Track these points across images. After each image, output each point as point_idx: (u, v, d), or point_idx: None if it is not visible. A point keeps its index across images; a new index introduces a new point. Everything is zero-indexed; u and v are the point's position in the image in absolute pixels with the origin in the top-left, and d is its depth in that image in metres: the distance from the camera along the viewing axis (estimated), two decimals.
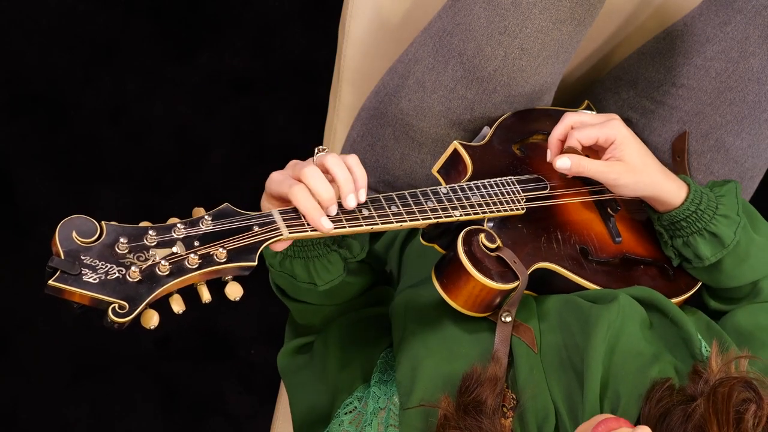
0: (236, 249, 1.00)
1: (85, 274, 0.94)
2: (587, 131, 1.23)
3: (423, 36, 1.43)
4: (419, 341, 1.19)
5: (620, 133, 1.23)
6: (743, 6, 1.39)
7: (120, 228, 0.98)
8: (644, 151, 1.24)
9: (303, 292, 1.22)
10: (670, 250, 1.29)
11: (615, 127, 1.23)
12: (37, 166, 2.16)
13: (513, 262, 1.17)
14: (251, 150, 2.21)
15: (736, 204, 1.26)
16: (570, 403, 1.11)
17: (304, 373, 1.29)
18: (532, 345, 1.15)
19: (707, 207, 1.24)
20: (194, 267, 0.98)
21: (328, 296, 1.23)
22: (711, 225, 1.24)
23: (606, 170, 1.22)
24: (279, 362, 1.33)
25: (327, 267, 1.18)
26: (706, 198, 1.25)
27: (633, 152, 1.22)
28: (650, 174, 1.23)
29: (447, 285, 1.17)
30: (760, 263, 1.27)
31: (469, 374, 1.10)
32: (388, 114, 1.43)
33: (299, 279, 1.19)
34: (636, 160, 1.22)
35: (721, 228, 1.24)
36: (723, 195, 1.27)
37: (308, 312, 1.27)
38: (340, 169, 1.08)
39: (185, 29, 2.24)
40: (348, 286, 1.24)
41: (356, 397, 1.22)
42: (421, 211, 1.14)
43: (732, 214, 1.25)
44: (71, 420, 2.08)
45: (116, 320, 0.93)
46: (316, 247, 1.17)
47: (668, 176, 1.25)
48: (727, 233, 1.24)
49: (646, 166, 1.23)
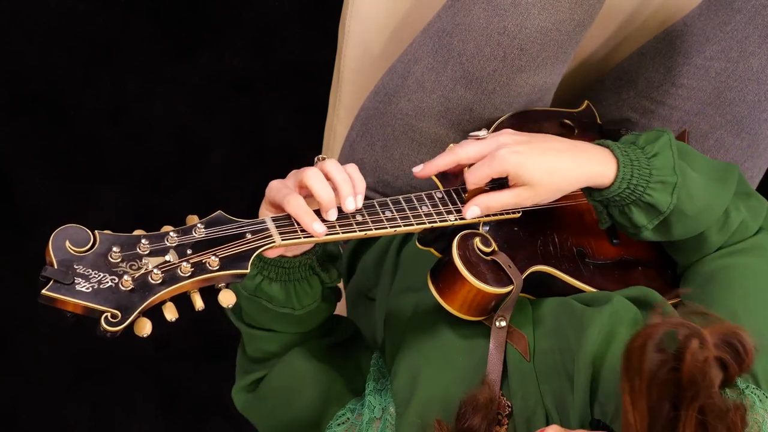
0: (229, 257, 1.01)
1: (78, 284, 0.94)
2: (478, 173, 1.16)
3: (422, 36, 1.43)
4: (416, 350, 1.19)
5: (509, 163, 1.14)
6: (743, 6, 1.39)
7: (113, 237, 0.98)
8: (546, 158, 1.16)
9: (274, 319, 1.20)
10: (603, 216, 1.23)
11: (502, 160, 1.14)
12: (37, 166, 2.16)
13: (508, 266, 1.16)
14: (251, 150, 2.21)
15: (671, 159, 1.18)
16: (561, 408, 1.11)
17: (273, 402, 1.26)
18: (525, 353, 1.15)
19: (640, 178, 1.17)
20: (187, 275, 0.98)
21: (299, 323, 1.21)
22: (645, 195, 1.17)
23: (516, 201, 1.16)
24: (237, 399, 1.29)
25: (307, 291, 1.17)
26: (637, 167, 1.17)
27: (533, 172, 1.15)
28: (563, 178, 1.16)
29: (443, 289, 1.16)
30: (705, 207, 1.20)
31: (466, 401, 1.10)
32: (387, 114, 1.43)
33: (276, 303, 1.17)
34: (539, 177, 1.15)
35: (657, 196, 1.17)
36: (656, 154, 1.19)
37: (268, 340, 1.24)
38: (340, 173, 1.09)
39: (185, 29, 2.24)
40: (319, 312, 1.22)
41: (349, 409, 1.21)
42: (415, 216, 1.14)
43: (667, 177, 1.17)
44: (72, 421, 2.08)
45: (109, 329, 0.94)
46: (300, 269, 1.16)
47: (589, 161, 1.17)
48: (662, 199, 1.17)
49: (554, 173, 1.15)
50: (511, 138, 1.17)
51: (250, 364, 1.28)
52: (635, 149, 1.19)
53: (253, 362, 1.28)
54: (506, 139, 1.17)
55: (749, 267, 1.21)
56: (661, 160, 1.18)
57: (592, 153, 1.18)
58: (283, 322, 1.21)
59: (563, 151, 1.17)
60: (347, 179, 1.09)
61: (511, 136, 1.18)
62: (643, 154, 1.18)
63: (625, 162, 1.17)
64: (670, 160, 1.18)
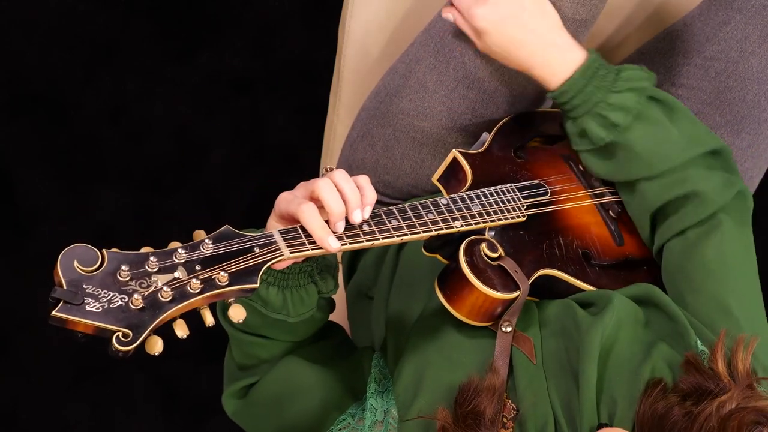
0: (238, 272, 1.00)
1: (88, 304, 0.94)
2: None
3: (424, 36, 1.43)
4: (420, 353, 1.19)
5: (481, 21, 1.27)
6: (743, 6, 1.39)
7: (121, 255, 0.98)
8: (514, 28, 1.27)
9: (267, 326, 1.19)
10: (570, 128, 1.29)
11: (478, 14, 1.27)
12: (37, 166, 2.16)
13: (515, 271, 1.17)
14: (251, 150, 2.21)
15: (632, 101, 1.24)
16: (568, 409, 1.11)
17: (265, 409, 1.25)
18: (531, 356, 1.15)
19: (585, 102, 1.25)
20: (196, 292, 0.98)
21: (291, 331, 1.20)
22: (582, 121, 1.25)
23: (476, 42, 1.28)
24: (227, 405, 1.29)
25: (303, 299, 1.16)
26: (588, 92, 1.25)
27: (495, 39, 1.28)
28: (515, 47, 1.27)
29: (450, 296, 1.17)
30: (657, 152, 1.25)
31: (466, 385, 1.10)
32: (388, 114, 1.43)
33: (272, 308, 1.16)
34: (499, 41, 1.27)
35: (593, 127, 1.25)
36: (622, 91, 1.25)
37: (258, 346, 1.23)
38: (349, 184, 1.09)
39: (185, 29, 2.24)
40: (312, 322, 1.21)
41: (350, 413, 1.21)
42: (421, 224, 1.14)
43: (611, 114, 1.24)
44: (71, 421, 2.08)
45: (120, 348, 0.93)
46: (299, 276, 1.15)
47: (546, 57, 1.28)
48: (597, 132, 1.25)
49: (512, 43, 1.27)
50: None
51: (238, 371, 1.27)
52: (609, 74, 1.26)
53: (241, 369, 1.27)
54: None
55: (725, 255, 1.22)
56: (621, 97, 1.24)
57: (556, 55, 1.28)
58: (276, 328, 1.19)
59: (539, 29, 1.27)
60: (355, 190, 1.09)
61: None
62: (612, 82, 1.25)
63: (579, 80, 1.25)
64: (633, 100, 1.24)
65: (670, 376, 1.10)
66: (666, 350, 1.14)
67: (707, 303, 1.19)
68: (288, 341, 1.23)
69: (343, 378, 1.24)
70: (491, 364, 1.13)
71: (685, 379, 1.07)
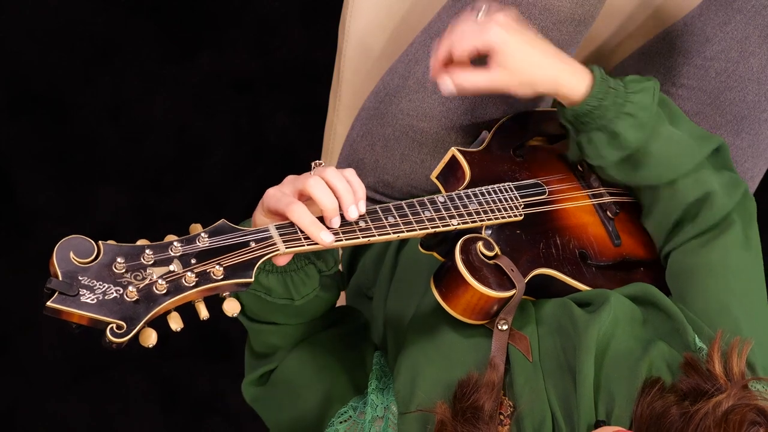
0: (233, 266, 1.00)
1: (83, 295, 0.94)
2: (466, 40, 1.18)
3: (423, 36, 1.43)
4: (418, 350, 1.19)
5: (497, 37, 1.17)
6: (743, 6, 1.39)
7: (117, 247, 0.98)
8: (532, 48, 1.19)
9: (274, 311, 1.19)
10: (573, 146, 1.27)
11: (492, 31, 1.17)
12: (37, 166, 2.16)
13: (510, 270, 1.17)
14: (251, 150, 2.21)
15: (650, 99, 1.22)
16: (566, 406, 1.11)
17: (279, 396, 1.26)
18: (527, 353, 1.15)
19: (612, 104, 1.21)
20: (191, 285, 0.98)
21: (299, 313, 1.21)
22: (614, 124, 1.21)
23: (488, 81, 1.18)
24: (246, 392, 1.29)
25: (304, 280, 1.17)
26: (613, 94, 1.21)
27: (515, 54, 1.17)
28: (538, 71, 1.19)
29: (446, 294, 1.16)
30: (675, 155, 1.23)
31: (465, 380, 1.10)
32: (388, 114, 1.43)
33: (275, 295, 1.16)
34: (519, 62, 1.18)
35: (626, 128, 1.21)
36: (636, 92, 1.22)
37: (271, 333, 1.24)
38: (340, 181, 1.08)
39: (185, 29, 2.24)
40: (319, 302, 1.21)
41: (351, 406, 1.21)
42: (418, 222, 1.14)
43: (640, 113, 1.21)
44: (71, 421, 2.08)
45: (114, 340, 0.94)
46: (294, 260, 1.15)
47: (567, 70, 1.21)
48: (630, 133, 1.21)
49: (533, 65, 1.19)
50: (507, 20, 1.19)
51: (256, 360, 1.28)
52: (618, 81, 1.22)
53: (258, 357, 1.27)
54: (503, 19, 1.19)
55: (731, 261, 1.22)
56: (639, 97, 1.21)
57: (574, 66, 1.22)
58: (284, 313, 1.20)
59: (549, 51, 1.21)
60: (348, 187, 1.08)
61: (507, 19, 1.20)
62: (624, 87, 1.22)
63: (602, 85, 1.21)
64: (649, 99, 1.21)
65: (667, 373, 1.11)
66: (664, 348, 1.14)
67: (707, 302, 1.19)
68: (300, 323, 1.23)
69: (347, 371, 1.24)
70: (490, 360, 1.13)
71: (684, 380, 1.07)
